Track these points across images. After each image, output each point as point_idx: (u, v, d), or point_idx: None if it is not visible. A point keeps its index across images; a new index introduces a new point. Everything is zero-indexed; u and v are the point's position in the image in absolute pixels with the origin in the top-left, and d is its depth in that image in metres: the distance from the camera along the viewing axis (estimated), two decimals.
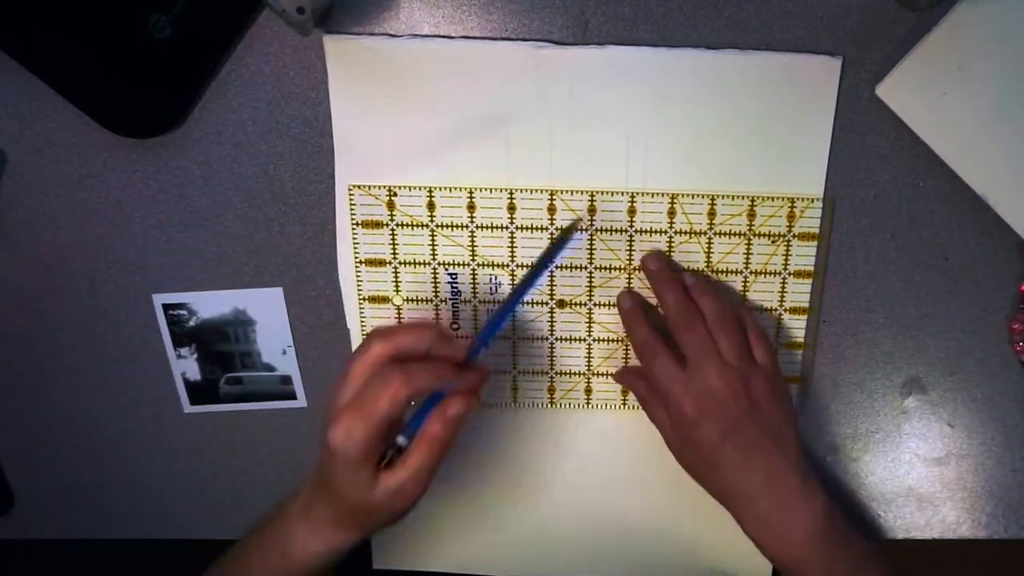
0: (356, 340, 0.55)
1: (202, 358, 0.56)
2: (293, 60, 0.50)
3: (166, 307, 0.55)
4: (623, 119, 0.50)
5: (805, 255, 0.53)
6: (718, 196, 0.51)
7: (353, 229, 0.53)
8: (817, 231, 0.52)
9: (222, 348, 0.56)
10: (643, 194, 0.51)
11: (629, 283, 0.54)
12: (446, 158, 0.51)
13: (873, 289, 0.54)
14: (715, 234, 0.52)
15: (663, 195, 0.51)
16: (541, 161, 0.51)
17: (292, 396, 0.58)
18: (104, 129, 0.50)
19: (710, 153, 0.50)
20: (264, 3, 0.44)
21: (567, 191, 0.51)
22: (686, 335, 0.48)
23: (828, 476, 0.59)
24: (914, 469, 0.59)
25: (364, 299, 0.54)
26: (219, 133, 0.51)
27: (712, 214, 0.52)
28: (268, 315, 0.55)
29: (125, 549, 0.63)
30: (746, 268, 0.53)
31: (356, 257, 0.53)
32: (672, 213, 0.52)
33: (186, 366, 0.57)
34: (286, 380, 0.57)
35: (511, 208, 0.52)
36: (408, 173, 0.51)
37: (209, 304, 0.55)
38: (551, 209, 0.52)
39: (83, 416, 0.58)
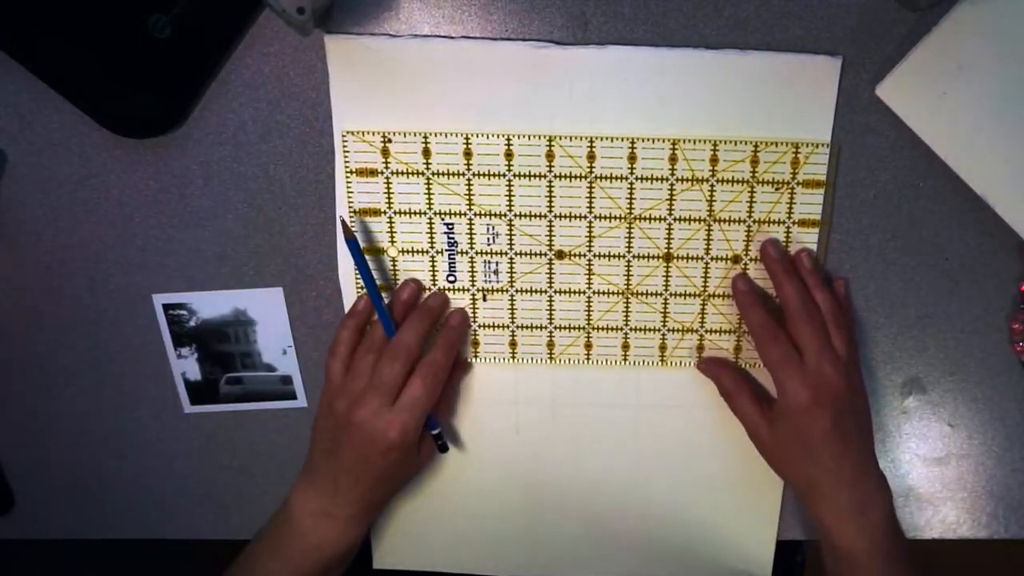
0: None
1: (202, 358, 0.56)
2: (293, 60, 0.50)
3: (166, 307, 0.55)
4: (623, 119, 0.50)
5: (810, 203, 0.52)
6: (720, 142, 0.50)
7: (347, 177, 0.51)
8: (823, 178, 0.51)
9: (222, 348, 0.56)
10: (644, 140, 0.50)
11: (630, 233, 0.52)
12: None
13: (873, 289, 0.54)
14: (717, 181, 0.51)
15: (664, 140, 0.50)
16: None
17: (292, 396, 0.58)
18: (104, 129, 0.50)
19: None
20: (264, 3, 0.44)
21: (566, 136, 0.50)
22: (806, 326, 0.49)
23: None
24: (914, 469, 0.59)
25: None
26: (219, 133, 0.51)
27: (714, 160, 0.51)
28: (268, 315, 0.55)
29: (125, 549, 0.63)
30: (749, 217, 0.52)
31: (350, 207, 0.52)
32: (673, 159, 0.51)
33: (186, 366, 0.57)
34: (286, 380, 0.57)
35: (508, 155, 0.51)
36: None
37: (209, 304, 0.55)
38: (549, 156, 0.51)
39: (83, 416, 0.58)
